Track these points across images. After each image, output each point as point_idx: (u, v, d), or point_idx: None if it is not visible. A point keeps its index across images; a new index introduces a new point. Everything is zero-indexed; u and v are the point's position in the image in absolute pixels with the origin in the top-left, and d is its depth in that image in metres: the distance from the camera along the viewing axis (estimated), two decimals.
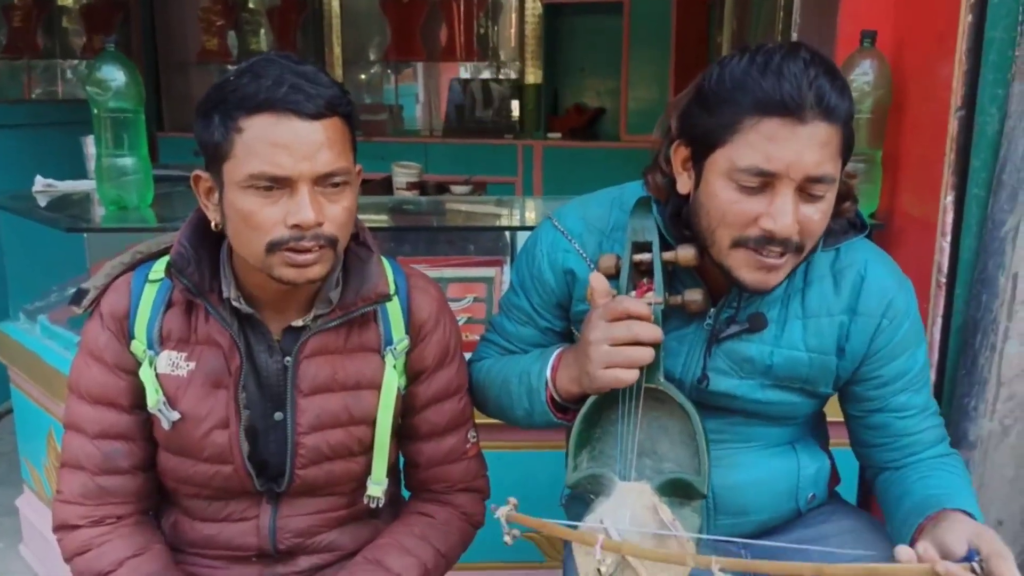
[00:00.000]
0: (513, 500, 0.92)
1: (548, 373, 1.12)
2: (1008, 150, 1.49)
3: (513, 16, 5.15)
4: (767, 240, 0.99)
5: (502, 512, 0.90)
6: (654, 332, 1.01)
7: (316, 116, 1.02)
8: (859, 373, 1.15)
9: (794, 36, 2.16)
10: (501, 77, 5.32)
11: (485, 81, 5.33)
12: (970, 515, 1.02)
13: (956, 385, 1.59)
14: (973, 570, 0.88)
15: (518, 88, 5.16)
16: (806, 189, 0.98)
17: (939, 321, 1.61)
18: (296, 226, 1.03)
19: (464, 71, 5.46)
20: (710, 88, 1.01)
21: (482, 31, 5.25)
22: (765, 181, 0.97)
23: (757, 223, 0.98)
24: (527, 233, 2.14)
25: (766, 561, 0.88)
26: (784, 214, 0.97)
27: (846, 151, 1.01)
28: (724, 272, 1.04)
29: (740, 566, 0.87)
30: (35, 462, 2.30)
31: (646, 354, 1.01)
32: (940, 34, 1.59)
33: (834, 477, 1.29)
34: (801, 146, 0.95)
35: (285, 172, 1.01)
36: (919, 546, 0.88)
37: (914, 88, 1.73)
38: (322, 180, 1.04)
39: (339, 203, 1.06)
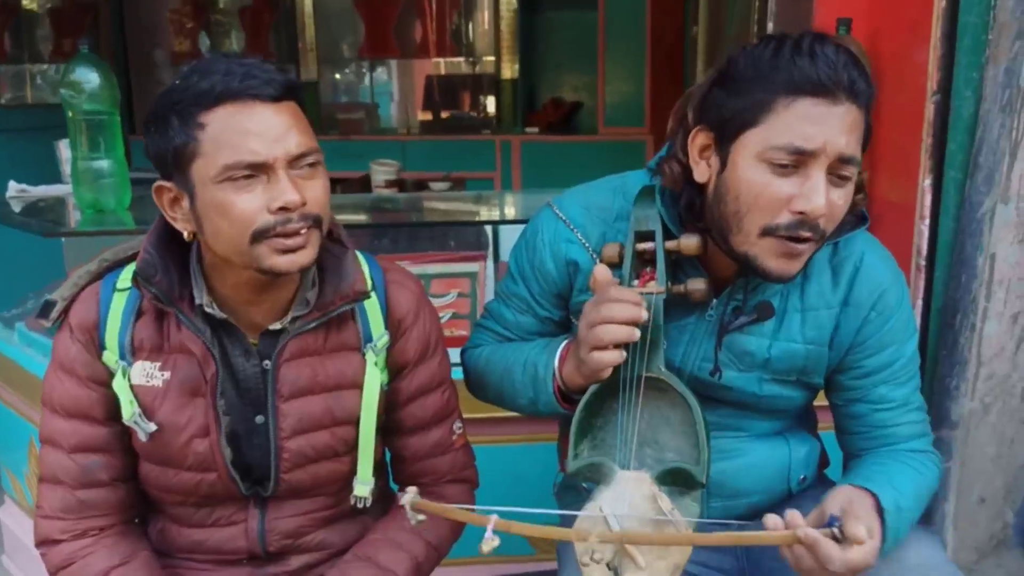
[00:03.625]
0: (414, 488, 0.93)
1: (556, 364, 1.12)
2: (984, 133, 1.51)
3: (488, 11, 5.14)
4: (797, 225, 0.99)
5: (406, 500, 0.92)
6: (627, 311, 1.00)
7: (277, 99, 1.01)
8: (843, 362, 1.16)
9: (770, 26, 2.18)
10: (477, 72, 5.32)
11: (461, 77, 5.32)
12: (875, 496, 1.02)
13: (937, 365, 1.61)
14: (833, 535, 0.90)
15: (494, 83, 5.16)
16: (836, 170, 0.99)
17: (920, 303, 1.63)
18: (282, 208, 1.01)
19: (440, 67, 5.44)
20: (737, 71, 1.01)
21: (456, 27, 5.25)
22: (799, 160, 0.97)
23: (788, 207, 0.99)
24: (508, 227, 2.16)
25: (640, 532, 0.91)
26: (818, 193, 0.97)
27: (866, 138, 1.02)
28: (745, 261, 1.03)
29: (636, 539, 0.90)
30: (16, 472, 2.27)
31: (624, 331, 1.00)
32: (914, 20, 1.61)
33: (824, 459, 1.31)
34: (836, 125, 0.97)
35: (260, 158, 1.00)
36: (788, 514, 0.92)
37: (890, 74, 1.75)
38: (296, 162, 1.03)
39: (316, 182, 1.05)
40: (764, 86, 0.98)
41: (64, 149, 2.34)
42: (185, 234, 1.07)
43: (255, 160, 1.00)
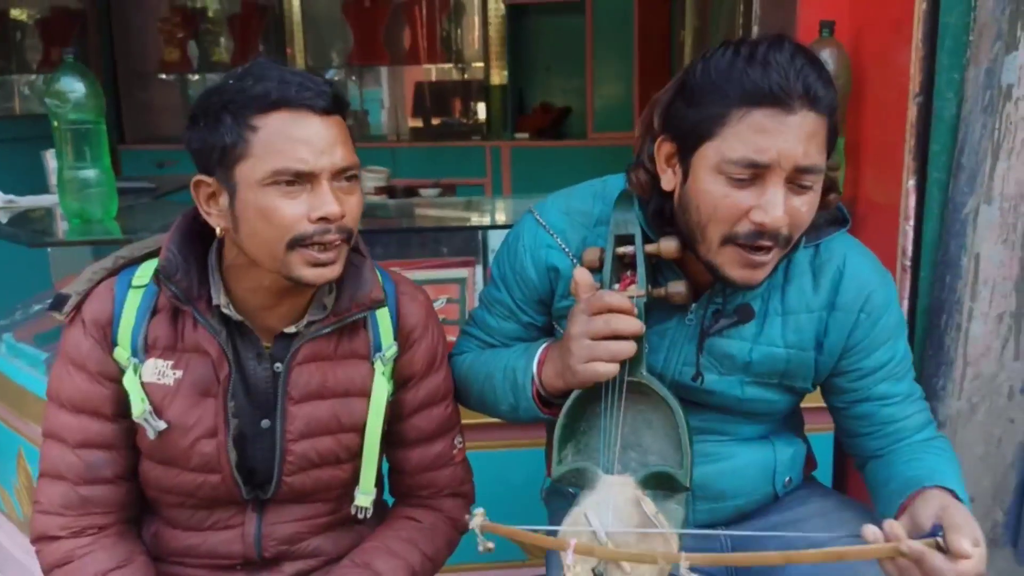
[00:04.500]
0: (481, 510, 0.91)
1: (534, 368, 1.12)
2: (966, 134, 1.51)
3: (476, 17, 5.15)
4: (757, 234, 0.99)
5: (476, 524, 0.90)
6: (634, 325, 1.01)
7: (327, 112, 1.04)
8: (839, 366, 1.16)
9: (755, 29, 2.19)
10: (467, 79, 5.32)
11: (451, 83, 5.33)
12: (951, 492, 1.02)
13: (924, 366, 1.62)
14: (938, 545, 0.88)
15: (484, 89, 5.17)
16: (795, 180, 0.98)
17: (905, 304, 1.63)
18: (322, 219, 1.03)
19: (429, 74, 5.45)
20: (695, 82, 1.00)
21: (445, 33, 5.25)
22: (756, 173, 0.97)
23: (748, 217, 0.98)
24: (499, 232, 2.16)
25: (737, 553, 0.89)
26: (775, 206, 0.97)
27: (831, 142, 1.01)
28: (711, 269, 1.04)
29: (711, 560, 0.88)
30: (5, 484, 2.25)
31: (627, 347, 1.00)
32: (896, 22, 1.62)
33: (810, 462, 1.31)
34: (790, 136, 0.96)
35: (308, 167, 1.02)
36: (886, 525, 0.89)
37: (873, 76, 1.76)
38: (338, 175, 1.05)
39: (354, 198, 1.08)
40: (719, 98, 0.97)
41: (51, 159, 2.33)
42: (218, 230, 1.09)
43: (302, 169, 1.02)
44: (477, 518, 0.90)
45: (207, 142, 1.04)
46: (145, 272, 1.14)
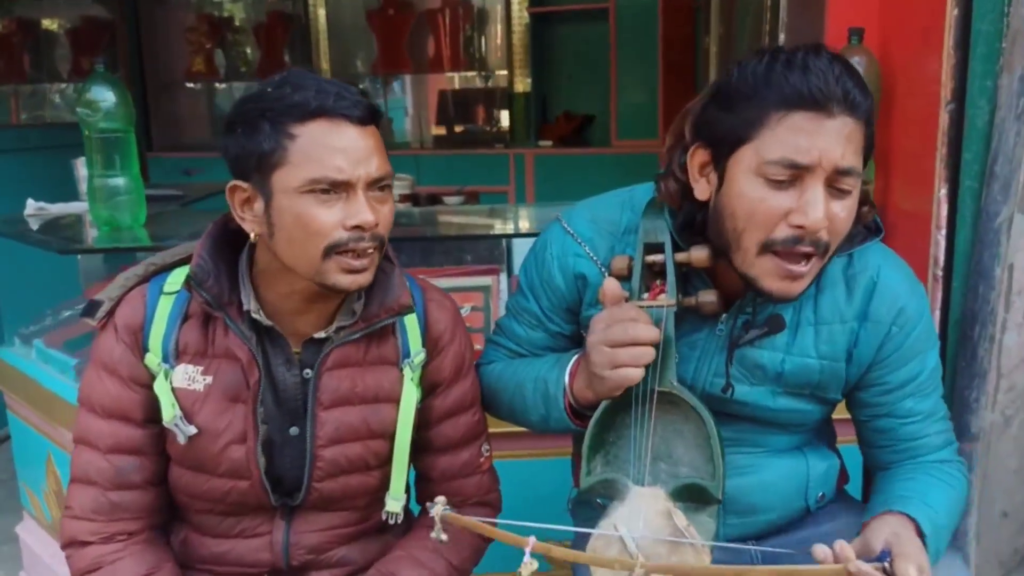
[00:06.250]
0: (442, 498, 0.92)
1: (566, 379, 1.11)
2: (999, 142, 1.49)
3: (500, 26, 5.16)
4: (797, 240, 0.97)
5: (436, 512, 0.90)
6: (651, 331, 1.00)
7: (364, 122, 1.05)
8: (865, 379, 1.14)
9: (782, 36, 2.17)
10: (490, 86, 5.33)
11: (474, 91, 5.33)
12: (915, 520, 1.02)
13: (957, 377, 1.59)
14: (884, 570, 0.89)
15: (507, 97, 5.17)
16: (835, 183, 0.97)
17: (937, 314, 1.61)
18: (357, 227, 1.05)
19: (453, 82, 5.46)
20: (731, 87, 1.00)
21: (469, 41, 5.26)
22: (795, 175, 0.96)
23: (786, 221, 0.97)
24: (522, 240, 2.15)
25: (688, 564, 0.89)
26: (815, 207, 0.96)
27: (867, 150, 1.01)
28: (747, 281, 1.03)
29: (664, 569, 0.88)
30: (35, 488, 2.28)
31: (647, 351, 1.00)
32: (926, 29, 1.60)
33: (842, 475, 1.29)
34: (830, 138, 0.95)
35: (344, 176, 1.04)
36: (836, 545, 0.89)
37: (903, 83, 1.74)
38: (373, 184, 1.07)
39: (387, 207, 1.09)
40: (757, 102, 0.97)
41: (81, 167, 2.36)
42: (252, 235, 1.10)
43: (338, 178, 1.03)
44: (437, 507, 0.90)
45: (245, 148, 1.05)
46: (176, 279, 1.15)
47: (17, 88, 4.75)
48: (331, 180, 1.03)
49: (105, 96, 1.95)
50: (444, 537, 0.92)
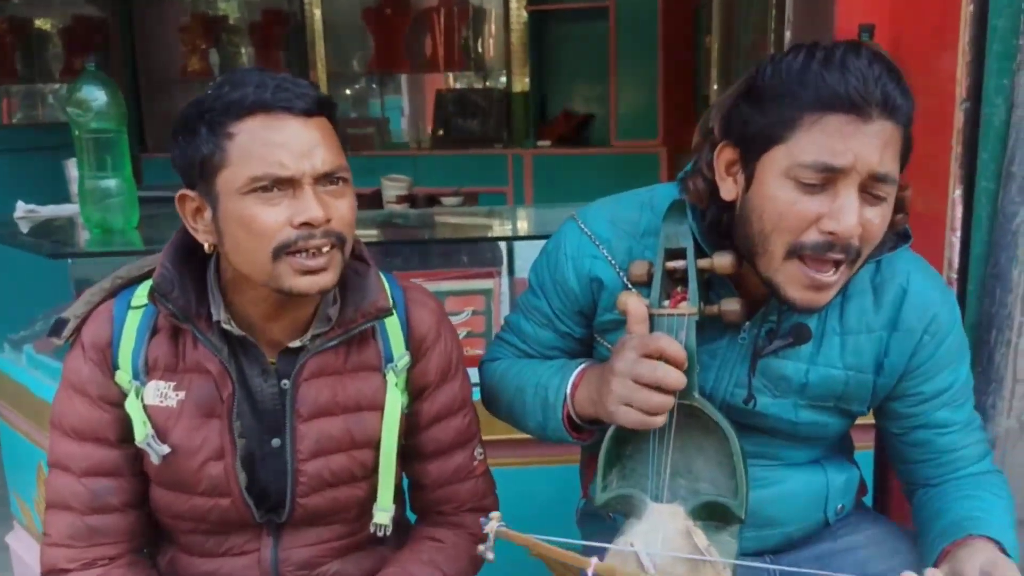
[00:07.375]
0: (497, 514, 0.87)
1: (567, 390, 1.07)
2: (1016, 141, 1.46)
3: (496, 25, 5.12)
4: (826, 246, 0.93)
5: (490, 528, 0.86)
6: (678, 380, 0.94)
7: (308, 113, 1.00)
8: (898, 389, 1.10)
9: (787, 35, 2.13)
10: (488, 86, 5.29)
11: (472, 91, 5.30)
12: (998, 542, 0.98)
13: (973, 383, 1.56)
14: None
15: (505, 97, 5.13)
16: (869, 188, 0.93)
17: None
18: (305, 224, 0.99)
19: (450, 81, 5.42)
20: (763, 85, 0.95)
21: (466, 41, 5.22)
22: (828, 178, 0.92)
23: (816, 226, 0.93)
24: (523, 243, 2.11)
25: None
26: (849, 213, 0.92)
27: (905, 155, 0.97)
28: (771, 288, 0.99)
29: None
30: (25, 497, 2.24)
31: (666, 402, 0.94)
32: (939, 26, 1.56)
33: (861, 487, 1.26)
34: (866, 143, 0.91)
35: (288, 172, 0.99)
36: (928, 573, 0.86)
37: (916, 81, 1.67)
38: (323, 179, 1.02)
39: (342, 201, 1.04)
40: (792, 101, 0.92)
41: (72, 168, 2.32)
42: (205, 246, 1.05)
43: (281, 174, 0.98)
44: (492, 522, 0.86)
45: (187, 155, 1.01)
46: (144, 292, 1.11)
47: (9, 88, 4.71)
48: (273, 176, 0.99)
49: (96, 96, 1.92)
50: (491, 556, 0.87)
